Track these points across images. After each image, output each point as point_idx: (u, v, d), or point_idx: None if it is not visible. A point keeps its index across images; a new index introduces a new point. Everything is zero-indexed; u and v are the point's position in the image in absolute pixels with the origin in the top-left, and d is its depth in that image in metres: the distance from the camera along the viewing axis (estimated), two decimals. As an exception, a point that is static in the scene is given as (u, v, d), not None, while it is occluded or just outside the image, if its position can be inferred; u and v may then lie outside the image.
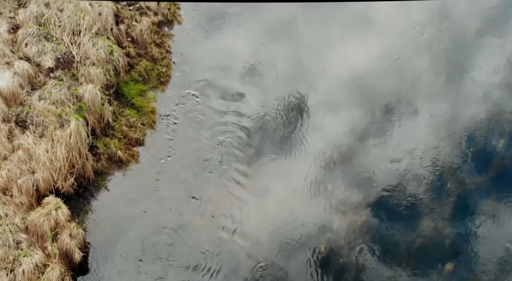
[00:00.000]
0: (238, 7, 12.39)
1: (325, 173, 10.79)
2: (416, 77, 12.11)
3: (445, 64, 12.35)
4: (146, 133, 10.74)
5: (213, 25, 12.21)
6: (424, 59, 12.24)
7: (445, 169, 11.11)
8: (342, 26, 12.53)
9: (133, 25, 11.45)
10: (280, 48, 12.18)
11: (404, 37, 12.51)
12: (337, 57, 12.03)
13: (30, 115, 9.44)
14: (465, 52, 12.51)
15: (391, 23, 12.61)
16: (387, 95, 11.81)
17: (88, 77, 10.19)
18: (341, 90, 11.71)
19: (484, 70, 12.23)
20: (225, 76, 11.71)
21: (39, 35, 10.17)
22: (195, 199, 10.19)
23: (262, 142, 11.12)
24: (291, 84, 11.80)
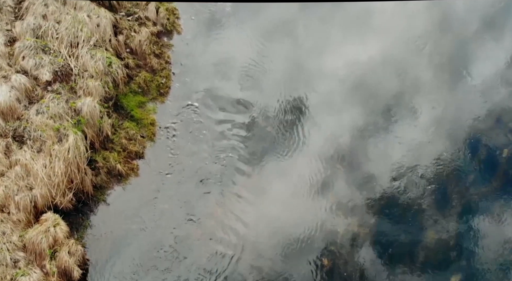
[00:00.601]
0: (237, 16, 12.26)
1: (330, 181, 10.63)
2: (417, 79, 12.03)
3: (449, 66, 12.28)
4: (146, 146, 10.59)
5: (213, 34, 12.07)
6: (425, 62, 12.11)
7: (449, 177, 10.97)
8: (345, 26, 12.38)
9: (132, 36, 11.30)
10: (280, 55, 12.04)
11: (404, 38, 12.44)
12: (340, 61, 11.89)
13: (28, 130, 9.30)
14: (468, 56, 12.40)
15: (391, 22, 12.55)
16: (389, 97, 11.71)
17: (87, 90, 10.05)
18: (347, 100, 11.57)
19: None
20: (225, 86, 11.56)
21: (36, 48, 10.03)
22: (195, 213, 10.03)
23: (264, 152, 10.96)
24: (292, 92, 11.66)
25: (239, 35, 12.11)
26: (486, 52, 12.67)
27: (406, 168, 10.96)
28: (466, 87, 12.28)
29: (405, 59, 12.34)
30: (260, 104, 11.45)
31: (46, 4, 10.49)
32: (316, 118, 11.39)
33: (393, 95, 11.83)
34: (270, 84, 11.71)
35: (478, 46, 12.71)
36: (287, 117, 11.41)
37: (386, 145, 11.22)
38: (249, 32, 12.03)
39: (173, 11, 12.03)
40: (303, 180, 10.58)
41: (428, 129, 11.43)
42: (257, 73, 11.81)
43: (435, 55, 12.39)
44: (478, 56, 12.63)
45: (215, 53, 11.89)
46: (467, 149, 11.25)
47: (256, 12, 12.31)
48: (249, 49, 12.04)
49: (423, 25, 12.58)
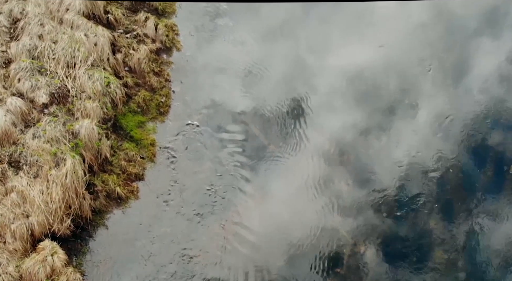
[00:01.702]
0: (238, 31, 12.02)
1: (336, 203, 10.38)
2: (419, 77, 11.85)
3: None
4: (146, 167, 10.34)
5: (213, 50, 11.83)
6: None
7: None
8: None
9: (130, 54, 11.07)
10: (283, 68, 11.81)
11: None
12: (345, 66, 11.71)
13: (24, 155, 9.05)
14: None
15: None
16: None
17: (84, 111, 9.80)
18: (353, 104, 11.33)
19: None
20: (226, 103, 11.32)
21: (32, 69, 9.80)
22: (197, 237, 9.77)
23: (266, 171, 10.72)
24: (294, 108, 11.44)
25: (239, 51, 11.87)
26: (490, 49, 12.53)
27: (410, 169, 10.79)
28: (470, 86, 12.03)
29: (406, 58, 12.20)
30: (262, 120, 11.21)
31: (42, 23, 10.27)
32: (322, 133, 11.16)
33: (396, 95, 11.71)
34: (273, 99, 11.48)
35: (483, 44, 12.56)
36: (289, 133, 11.17)
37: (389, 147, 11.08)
38: (251, 49, 11.79)
39: (172, 27, 11.80)
40: (309, 203, 10.33)
41: (431, 129, 11.25)
42: (260, 88, 11.57)
43: (439, 54, 12.26)
44: (482, 54, 12.47)
45: (216, 70, 11.65)
46: (474, 152, 11.08)
47: (258, 27, 12.08)
48: (251, 64, 11.81)
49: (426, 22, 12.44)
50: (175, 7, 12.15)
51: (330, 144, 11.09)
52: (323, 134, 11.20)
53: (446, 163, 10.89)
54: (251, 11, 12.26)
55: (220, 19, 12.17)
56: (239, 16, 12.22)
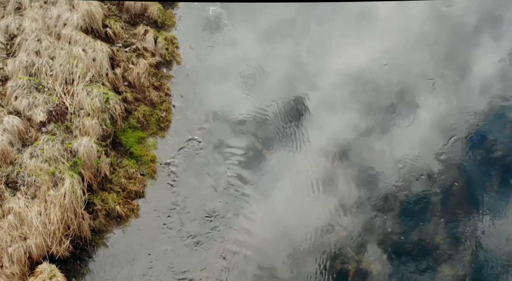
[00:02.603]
0: (240, 44, 11.84)
1: (339, 224, 10.16)
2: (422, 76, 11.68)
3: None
4: (146, 185, 10.14)
5: (214, 63, 11.64)
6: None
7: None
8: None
9: (129, 68, 10.88)
10: (285, 80, 11.63)
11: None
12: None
13: (21, 175, 8.86)
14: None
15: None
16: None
17: (83, 129, 9.61)
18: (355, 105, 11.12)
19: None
20: (228, 117, 11.13)
21: (29, 87, 9.62)
22: (199, 255, 9.56)
23: (269, 185, 10.52)
24: (297, 119, 11.26)
25: (240, 64, 11.68)
26: (491, 47, 12.38)
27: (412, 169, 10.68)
28: (473, 84, 11.89)
29: (407, 56, 12.00)
30: (264, 133, 11.03)
31: (39, 39, 10.09)
32: (327, 143, 10.96)
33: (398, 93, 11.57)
34: (275, 110, 11.29)
35: (483, 42, 12.41)
36: (292, 145, 10.98)
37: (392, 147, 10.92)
38: (251, 61, 11.60)
39: (172, 40, 11.61)
40: (312, 213, 10.12)
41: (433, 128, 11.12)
42: (261, 100, 11.38)
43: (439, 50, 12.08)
44: (483, 52, 12.31)
45: (216, 83, 11.46)
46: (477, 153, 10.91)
47: (259, 40, 11.90)
48: (252, 76, 11.62)
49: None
50: (174, 19, 11.98)
51: (333, 158, 10.89)
52: (326, 148, 11.01)
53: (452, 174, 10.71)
54: (252, 24, 12.09)
55: (220, 31, 11.99)
56: (239, 28, 12.04)
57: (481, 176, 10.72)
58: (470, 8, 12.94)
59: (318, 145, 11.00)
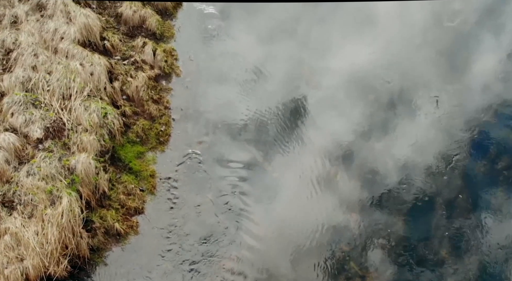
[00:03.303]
0: (240, 55, 11.67)
1: (343, 242, 9.97)
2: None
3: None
4: (146, 200, 9.96)
5: (214, 75, 11.48)
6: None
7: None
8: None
9: (128, 81, 10.71)
10: (285, 92, 11.46)
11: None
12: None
13: (18, 194, 8.69)
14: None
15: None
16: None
17: (81, 145, 9.44)
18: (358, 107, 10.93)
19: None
20: (228, 131, 10.96)
21: (26, 103, 9.45)
22: (200, 274, 9.38)
23: (271, 198, 10.34)
24: (298, 130, 11.09)
25: (240, 76, 11.52)
26: (492, 44, 12.24)
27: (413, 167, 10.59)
28: (473, 83, 11.78)
29: (408, 55, 11.91)
30: (265, 145, 10.85)
31: (36, 54, 9.93)
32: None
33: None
34: (275, 122, 11.13)
35: (483, 38, 12.28)
36: (293, 157, 10.80)
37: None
38: (252, 73, 11.43)
39: (171, 52, 11.45)
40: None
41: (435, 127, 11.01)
42: (262, 113, 11.22)
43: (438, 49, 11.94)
44: (483, 49, 12.16)
45: (217, 95, 11.30)
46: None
47: (260, 52, 11.74)
48: (252, 88, 11.46)
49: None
50: (173, 31, 11.82)
51: (335, 172, 10.71)
52: (328, 160, 10.83)
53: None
54: (252, 35, 11.93)
55: (220, 43, 11.83)
56: (239, 39, 11.88)
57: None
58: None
59: (320, 158, 10.82)
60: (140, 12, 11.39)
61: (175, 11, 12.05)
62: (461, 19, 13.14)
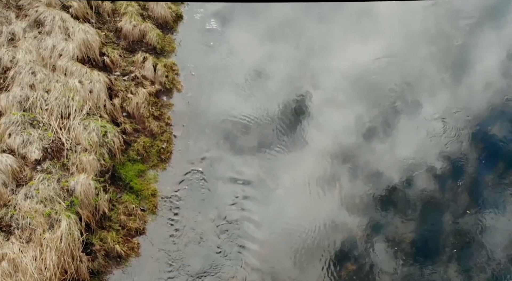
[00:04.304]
0: (242, 71, 11.45)
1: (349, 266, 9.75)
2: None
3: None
4: (147, 221, 9.74)
5: (216, 90, 11.25)
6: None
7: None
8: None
9: (128, 98, 10.50)
10: (288, 108, 11.26)
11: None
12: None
13: (16, 218, 8.48)
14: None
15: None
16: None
17: (80, 165, 9.23)
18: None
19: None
20: (231, 147, 10.74)
21: (23, 123, 9.24)
22: (203, 296, 9.17)
23: (275, 217, 10.12)
24: (302, 145, 10.88)
25: (242, 90, 11.30)
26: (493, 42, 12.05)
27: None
28: (474, 81, 11.62)
29: (410, 54, 11.79)
30: (268, 162, 10.63)
31: (34, 72, 9.72)
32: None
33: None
34: (277, 139, 10.92)
35: (485, 37, 12.11)
36: (297, 173, 10.59)
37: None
38: (256, 91, 11.20)
39: (172, 67, 11.23)
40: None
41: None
42: (264, 129, 11.00)
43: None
44: (485, 47, 11.96)
45: (219, 111, 11.08)
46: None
47: (263, 65, 11.52)
48: (255, 103, 11.23)
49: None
50: (174, 45, 11.60)
51: (340, 187, 10.49)
52: (333, 176, 10.62)
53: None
54: (254, 50, 11.70)
55: (222, 57, 11.61)
56: (241, 53, 11.66)
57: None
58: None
59: (325, 172, 10.61)
60: (140, 27, 11.17)
61: (176, 25, 11.83)
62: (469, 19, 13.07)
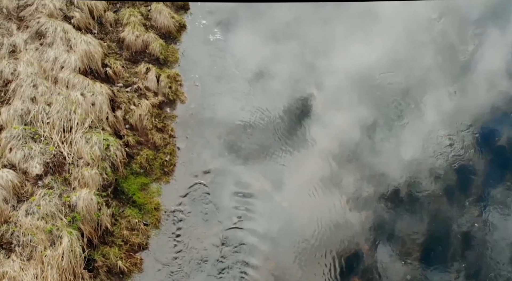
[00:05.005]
0: (247, 81, 11.30)
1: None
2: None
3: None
4: (150, 235, 9.58)
5: (220, 101, 11.10)
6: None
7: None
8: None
9: (131, 110, 10.35)
10: (293, 119, 11.11)
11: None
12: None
13: (16, 235, 8.33)
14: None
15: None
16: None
17: (82, 180, 9.08)
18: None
19: None
20: (235, 159, 10.58)
21: (25, 137, 9.10)
22: (207, 314, 9.02)
23: (281, 232, 9.95)
24: (307, 159, 10.71)
25: (247, 101, 11.13)
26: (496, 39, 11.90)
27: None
28: (479, 79, 11.53)
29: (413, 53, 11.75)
30: (274, 173, 10.47)
31: (35, 84, 9.58)
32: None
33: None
34: (283, 151, 10.75)
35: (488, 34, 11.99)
36: (303, 185, 10.42)
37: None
38: (261, 101, 11.05)
39: (175, 77, 11.08)
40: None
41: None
42: (270, 138, 10.85)
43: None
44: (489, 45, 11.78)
45: (223, 122, 10.92)
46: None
47: (269, 74, 11.36)
48: (260, 114, 11.07)
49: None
50: (177, 55, 11.45)
51: (347, 200, 10.33)
52: (339, 188, 10.45)
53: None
54: (259, 59, 11.55)
55: (226, 66, 11.45)
56: (246, 63, 11.50)
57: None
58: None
59: (331, 185, 10.45)
60: (143, 37, 11.02)
61: (179, 34, 11.68)
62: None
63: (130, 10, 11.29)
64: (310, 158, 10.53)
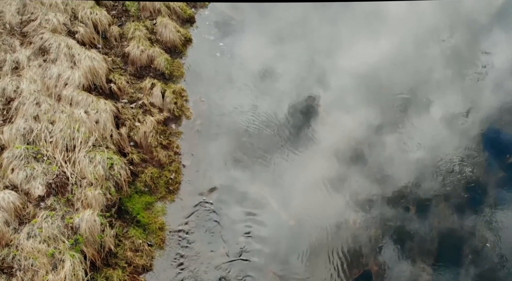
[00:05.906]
0: (253, 97, 11.08)
1: None
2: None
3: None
4: (154, 256, 9.39)
5: (225, 117, 10.89)
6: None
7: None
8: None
9: (135, 126, 10.16)
10: (298, 133, 10.90)
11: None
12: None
13: (18, 259, 8.15)
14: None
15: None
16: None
17: (85, 201, 8.89)
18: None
19: None
20: (241, 176, 10.38)
21: (27, 156, 8.92)
22: None
23: (287, 251, 9.75)
24: (313, 175, 10.51)
25: (253, 117, 10.93)
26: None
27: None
28: (486, 80, 11.39)
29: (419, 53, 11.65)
30: (281, 192, 10.26)
31: (38, 102, 9.41)
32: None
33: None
34: (289, 170, 10.55)
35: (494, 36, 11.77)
36: (310, 206, 10.22)
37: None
38: (267, 116, 10.83)
39: (181, 93, 10.88)
40: None
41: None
42: (276, 157, 10.64)
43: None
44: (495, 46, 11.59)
45: (229, 138, 10.72)
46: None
47: (274, 91, 11.16)
48: (265, 130, 10.87)
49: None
50: (183, 70, 11.25)
51: (355, 219, 10.11)
52: (347, 206, 10.24)
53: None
54: (267, 73, 11.34)
55: (232, 82, 11.25)
56: (252, 78, 11.30)
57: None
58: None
59: (338, 202, 10.25)
60: (148, 52, 10.83)
61: (185, 48, 11.48)
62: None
63: (135, 24, 11.11)
64: (318, 180, 10.30)
